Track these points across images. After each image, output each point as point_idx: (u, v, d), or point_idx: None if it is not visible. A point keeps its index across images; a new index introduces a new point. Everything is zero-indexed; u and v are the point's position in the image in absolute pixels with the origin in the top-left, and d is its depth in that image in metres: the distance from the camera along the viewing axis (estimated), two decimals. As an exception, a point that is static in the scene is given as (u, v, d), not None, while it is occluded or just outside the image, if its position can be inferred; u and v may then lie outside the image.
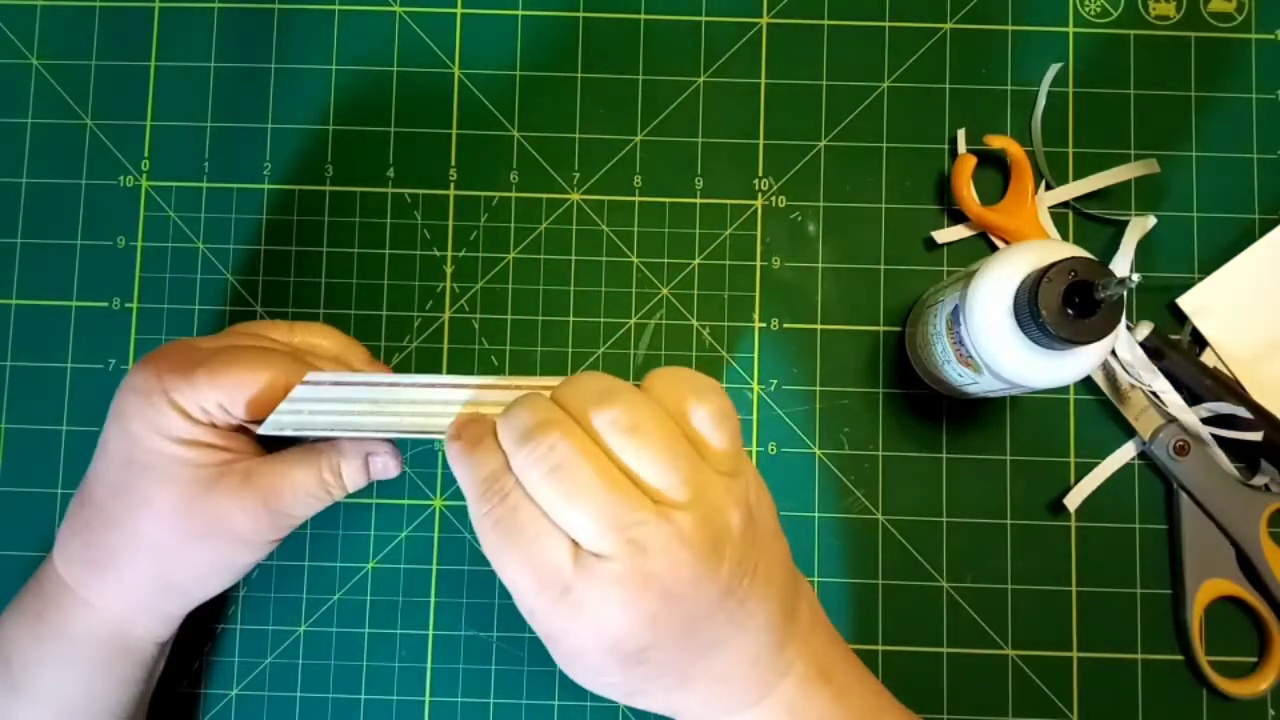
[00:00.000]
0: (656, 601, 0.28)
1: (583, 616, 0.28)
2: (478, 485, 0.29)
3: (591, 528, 0.28)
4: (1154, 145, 0.47)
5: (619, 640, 0.28)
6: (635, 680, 0.30)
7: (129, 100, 0.47)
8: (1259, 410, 0.43)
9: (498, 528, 0.28)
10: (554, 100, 0.47)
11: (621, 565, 0.27)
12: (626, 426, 0.28)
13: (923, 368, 0.44)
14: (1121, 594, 0.45)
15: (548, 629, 0.29)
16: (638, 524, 0.28)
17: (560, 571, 0.28)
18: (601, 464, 0.28)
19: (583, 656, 0.29)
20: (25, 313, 0.46)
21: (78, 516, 0.36)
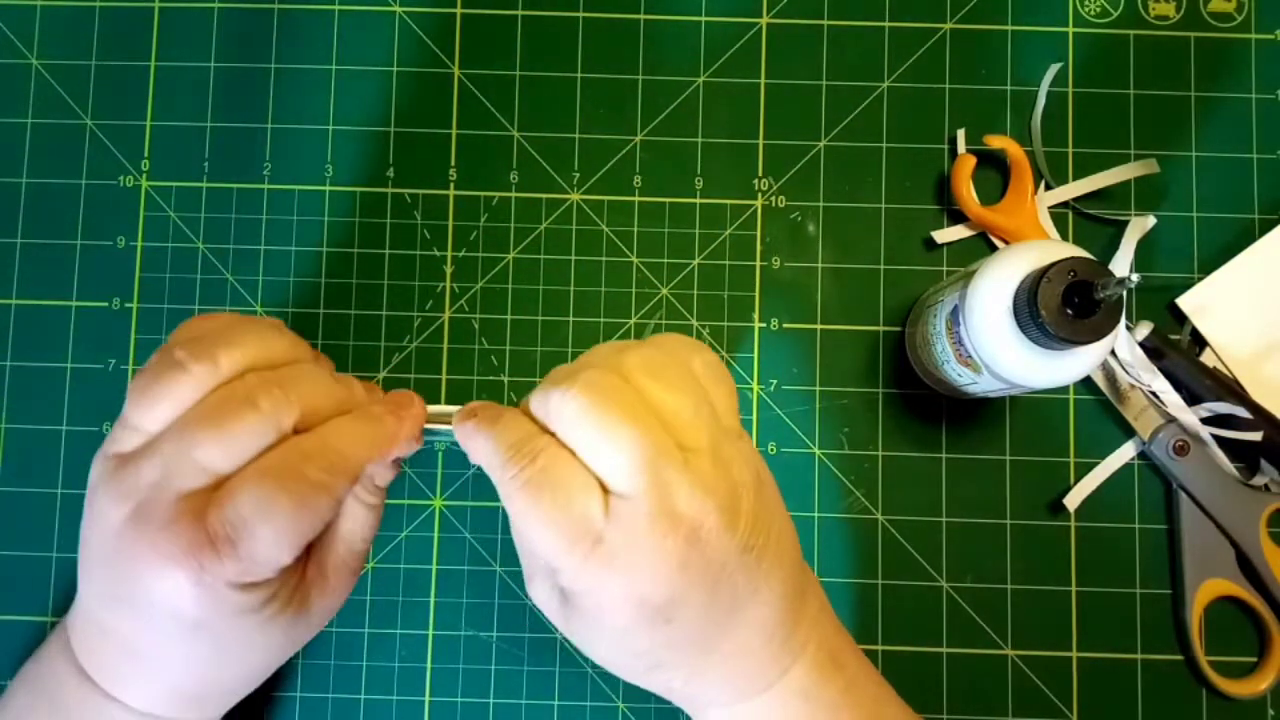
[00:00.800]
0: (684, 545, 0.28)
1: (614, 566, 0.28)
2: (504, 452, 0.29)
3: (625, 463, 0.28)
4: (1154, 145, 0.47)
5: (649, 591, 0.28)
6: (660, 646, 0.29)
7: (129, 100, 0.47)
8: (1259, 410, 0.43)
9: (527, 488, 0.28)
10: (554, 100, 0.47)
11: (651, 504, 0.28)
12: (655, 369, 0.30)
13: (922, 368, 0.44)
14: (1121, 594, 0.45)
15: (576, 586, 0.29)
16: (667, 464, 0.28)
17: (592, 522, 0.28)
18: (634, 399, 0.29)
19: (611, 615, 0.29)
20: (25, 313, 0.46)
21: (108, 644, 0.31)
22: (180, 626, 0.29)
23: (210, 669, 0.31)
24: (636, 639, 0.29)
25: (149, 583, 0.28)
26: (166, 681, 0.31)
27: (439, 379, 0.46)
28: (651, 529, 0.28)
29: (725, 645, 0.30)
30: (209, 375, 0.29)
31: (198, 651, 0.30)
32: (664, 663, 0.30)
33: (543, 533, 0.28)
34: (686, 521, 0.28)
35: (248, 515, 0.27)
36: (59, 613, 0.45)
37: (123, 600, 0.29)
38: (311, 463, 0.29)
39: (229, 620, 0.29)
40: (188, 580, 0.27)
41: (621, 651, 0.30)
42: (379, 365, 0.46)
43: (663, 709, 0.44)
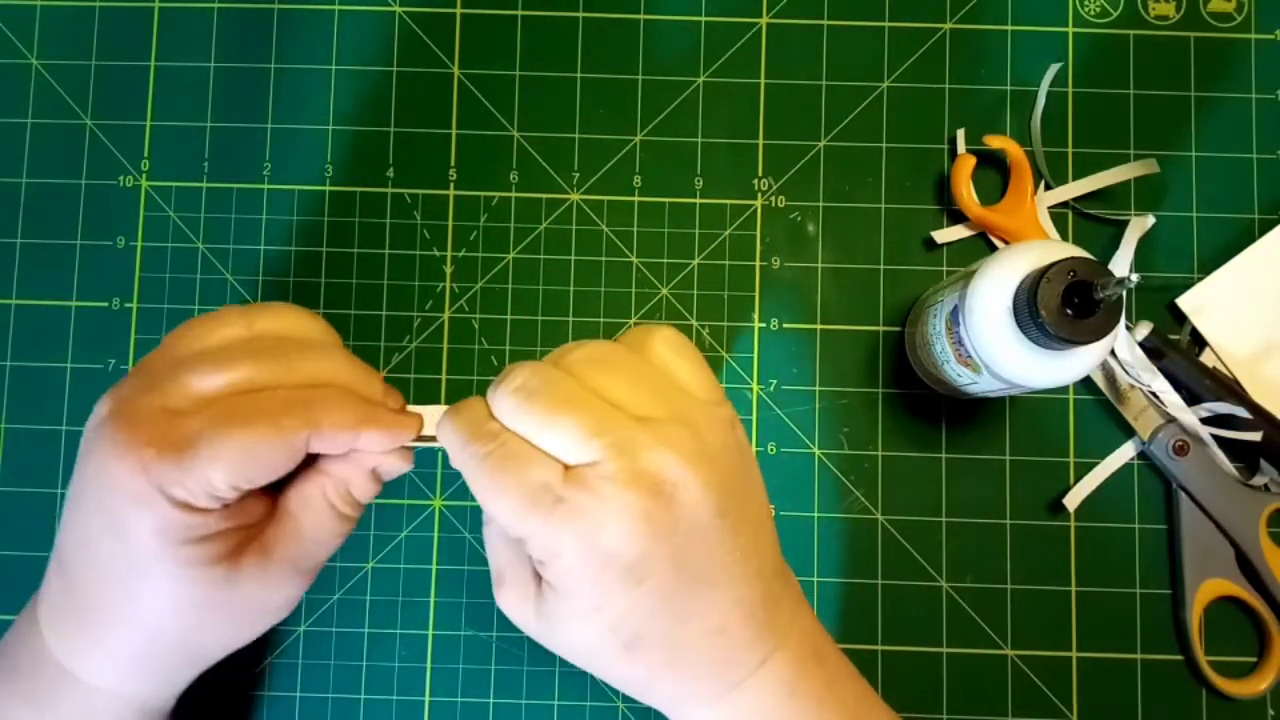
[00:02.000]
0: (648, 498, 0.28)
1: (577, 521, 0.28)
2: (465, 432, 0.30)
3: (572, 440, 0.28)
4: (1154, 145, 0.47)
5: (615, 543, 0.28)
6: (633, 614, 0.29)
7: (129, 100, 0.47)
8: (1258, 410, 0.43)
9: (486, 462, 0.29)
10: (554, 100, 0.47)
11: (611, 465, 0.28)
12: (596, 358, 0.30)
13: (922, 368, 0.44)
14: (1121, 594, 0.45)
15: (542, 550, 0.29)
16: (619, 429, 0.28)
17: (551, 487, 0.28)
18: (572, 386, 0.29)
19: (579, 578, 0.28)
20: (25, 313, 0.46)
21: (67, 599, 0.32)
22: (114, 545, 0.29)
23: (149, 619, 0.31)
24: (609, 604, 0.29)
25: (103, 476, 0.29)
26: (107, 637, 0.31)
27: (439, 379, 0.46)
28: (612, 484, 0.28)
29: (702, 618, 0.29)
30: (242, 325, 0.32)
31: (130, 589, 0.30)
32: (641, 636, 0.29)
33: (505, 500, 0.28)
34: (649, 476, 0.28)
35: (200, 430, 0.29)
36: (59, 613, 0.45)
37: (79, 511, 0.30)
38: (284, 410, 0.30)
39: (157, 548, 0.29)
40: (133, 473, 0.28)
41: (597, 627, 0.29)
42: (379, 365, 0.46)
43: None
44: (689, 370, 0.31)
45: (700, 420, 0.30)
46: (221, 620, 0.32)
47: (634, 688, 0.31)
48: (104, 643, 0.31)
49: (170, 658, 0.32)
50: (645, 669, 0.30)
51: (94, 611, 0.31)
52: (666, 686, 0.31)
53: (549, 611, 0.30)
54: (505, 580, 0.32)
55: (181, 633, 0.31)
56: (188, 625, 0.31)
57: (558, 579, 0.29)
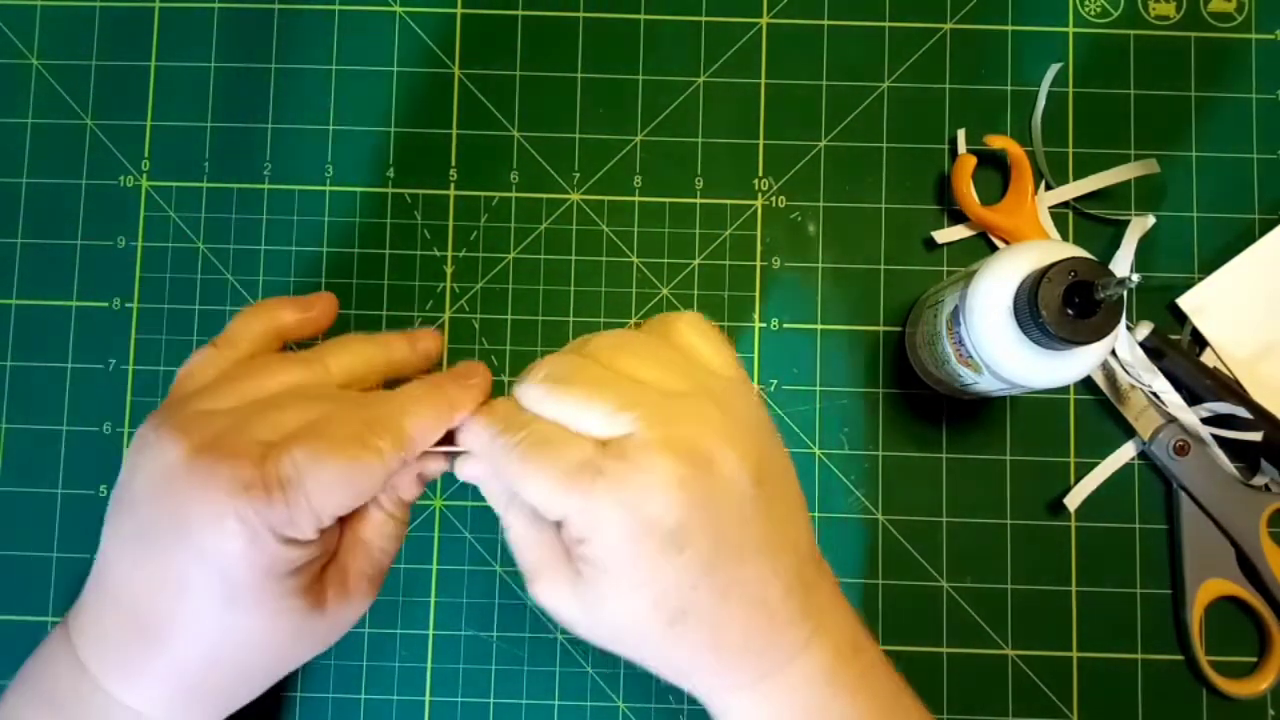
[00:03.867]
0: (686, 465, 0.28)
1: (618, 492, 0.28)
2: (496, 426, 0.30)
3: (604, 417, 0.29)
4: (1154, 145, 0.47)
5: (656, 511, 0.28)
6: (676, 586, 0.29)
7: (129, 100, 0.47)
8: (1259, 410, 0.43)
9: (519, 448, 0.29)
10: (554, 100, 0.47)
11: (646, 434, 0.28)
12: (618, 344, 0.31)
13: (923, 368, 0.44)
14: (1121, 594, 0.45)
15: (583, 526, 0.28)
16: (650, 402, 0.29)
17: (588, 462, 0.28)
18: (599, 369, 0.30)
19: (621, 551, 0.28)
20: (25, 313, 0.46)
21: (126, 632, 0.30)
22: (207, 581, 0.29)
23: (222, 651, 0.30)
24: (653, 577, 0.28)
25: (197, 515, 0.28)
26: (173, 666, 0.30)
27: (439, 379, 0.46)
28: (649, 451, 0.28)
29: (742, 592, 0.29)
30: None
31: (215, 624, 0.29)
32: (684, 611, 0.29)
33: (542, 479, 0.28)
34: (685, 443, 0.28)
35: (300, 463, 0.28)
36: (59, 613, 0.45)
37: (156, 547, 0.29)
38: (370, 429, 0.30)
39: (257, 584, 0.29)
40: (237, 515, 0.28)
41: (639, 603, 0.29)
42: (379, 365, 0.46)
43: (663, 709, 0.44)
44: (714, 351, 0.32)
45: (729, 395, 0.31)
46: (304, 644, 0.32)
47: (675, 671, 0.31)
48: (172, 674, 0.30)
49: (239, 684, 0.32)
50: (688, 648, 0.30)
51: (164, 645, 0.30)
52: (708, 668, 0.30)
53: (589, 595, 0.30)
54: (540, 573, 0.31)
55: (262, 661, 0.31)
56: (272, 654, 0.31)
57: (599, 555, 0.29)
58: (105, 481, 0.45)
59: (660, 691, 0.44)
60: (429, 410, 0.31)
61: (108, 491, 0.45)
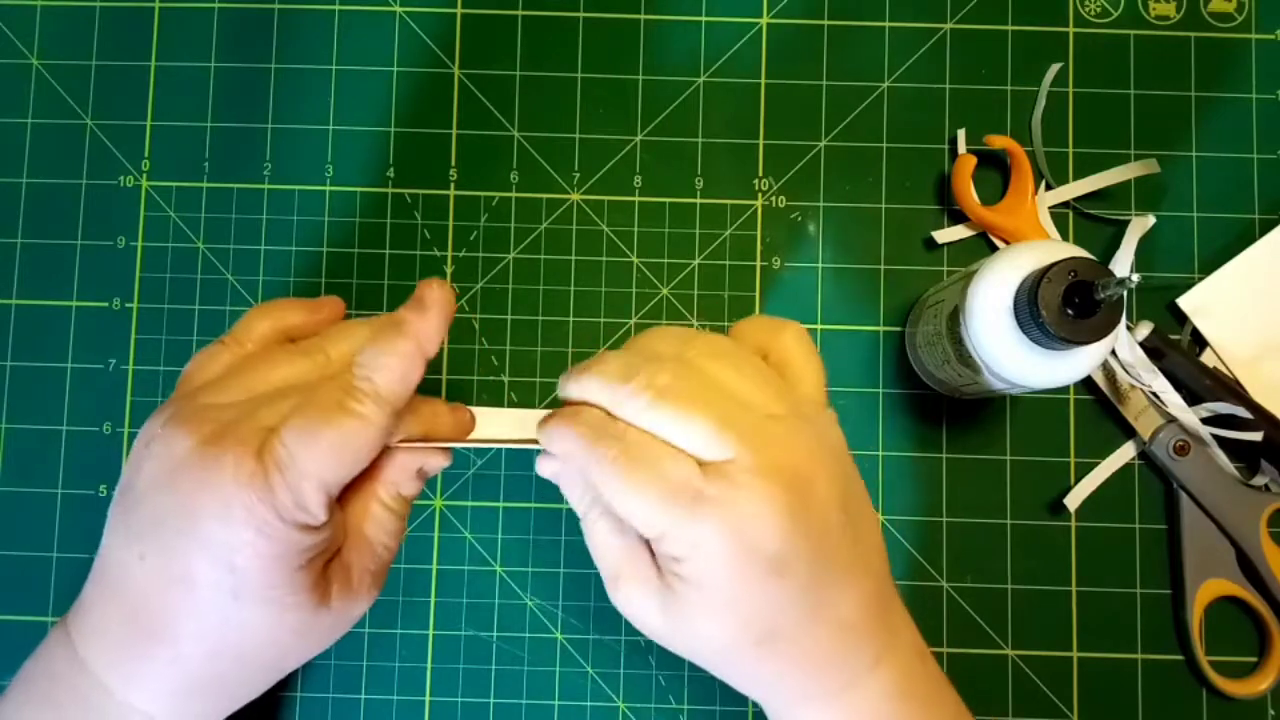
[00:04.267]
0: (789, 492, 0.28)
1: (722, 515, 0.28)
2: (589, 436, 0.30)
3: (706, 436, 0.29)
4: (1154, 145, 0.47)
5: (759, 537, 0.28)
6: (770, 609, 0.29)
7: (129, 100, 0.47)
8: (1259, 410, 0.43)
9: (618, 462, 0.29)
10: (554, 100, 0.47)
11: (749, 458, 0.28)
12: (717, 353, 0.31)
13: (923, 368, 0.44)
14: (1121, 594, 0.45)
15: (680, 547, 0.28)
16: (753, 424, 0.29)
17: (691, 481, 0.28)
18: (701, 383, 0.30)
19: (719, 573, 0.28)
20: (25, 313, 0.46)
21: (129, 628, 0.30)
22: (215, 574, 0.28)
23: (227, 646, 0.30)
24: (748, 598, 0.29)
25: (205, 507, 0.28)
26: (177, 662, 0.30)
27: (439, 379, 0.46)
28: (753, 478, 0.28)
29: (831, 613, 0.30)
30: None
31: (221, 618, 0.29)
32: (774, 632, 0.29)
33: (643, 497, 0.28)
34: (788, 470, 0.29)
35: (290, 443, 0.28)
36: (59, 613, 0.45)
37: (163, 540, 0.29)
38: (346, 392, 0.30)
39: (264, 576, 0.29)
40: (244, 504, 0.28)
41: (730, 622, 0.29)
42: (379, 365, 0.46)
43: (663, 709, 0.44)
44: (811, 371, 0.32)
45: (820, 420, 0.31)
46: (308, 641, 0.32)
47: (754, 684, 0.31)
48: (176, 670, 0.30)
49: (243, 681, 0.32)
50: (771, 665, 0.30)
51: (169, 640, 0.30)
52: (787, 683, 0.31)
53: (677, 608, 0.30)
54: (623, 579, 0.31)
55: (266, 657, 0.31)
56: (276, 650, 0.31)
57: (695, 574, 0.29)
58: (105, 481, 0.45)
59: (660, 691, 0.44)
60: (394, 360, 0.31)
61: (108, 491, 0.45)
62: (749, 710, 0.44)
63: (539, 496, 0.45)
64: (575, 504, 0.32)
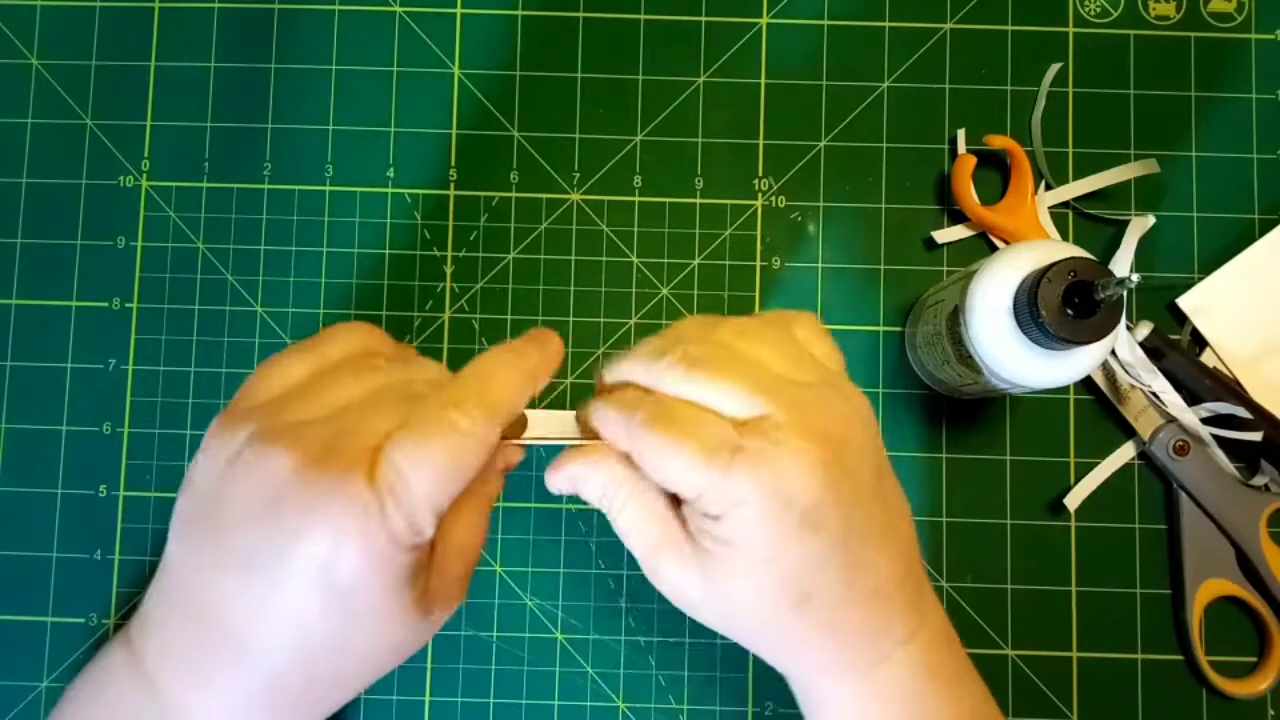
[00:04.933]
0: (824, 448, 0.29)
1: (758, 468, 0.28)
2: (628, 407, 0.31)
3: (740, 398, 0.29)
4: (1154, 145, 0.47)
5: (796, 490, 0.28)
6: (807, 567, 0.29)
7: (129, 100, 0.47)
8: (1259, 410, 0.43)
9: (657, 425, 0.29)
10: (554, 100, 0.47)
11: (783, 415, 0.29)
12: (748, 332, 0.32)
13: (923, 368, 0.44)
14: (1121, 594, 0.45)
15: (720, 501, 0.29)
16: (785, 388, 0.30)
17: (728, 437, 0.29)
18: (731, 355, 0.31)
19: (757, 529, 0.28)
20: (25, 313, 0.46)
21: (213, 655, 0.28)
22: (326, 602, 0.27)
23: (326, 668, 0.29)
24: (785, 556, 0.29)
25: (317, 536, 0.27)
26: (274, 684, 0.28)
27: (439, 379, 0.46)
28: (788, 433, 0.29)
29: (864, 579, 0.30)
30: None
31: (327, 642, 0.28)
32: (810, 593, 0.29)
33: (682, 454, 0.29)
34: (820, 430, 0.29)
35: (400, 465, 0.27)
36: (59, 613, 0.45)
37: (265, 568, 0.27)
38: (455, 406, 0.29)
39: (378, 599, 0.28)
40: (359, 532, 0.27)
41: (767, 583, 0.29)
42: (379, 365, 0.46)
43: (662, 709, 0.44)
44: (827, 351, 0.33)
45: (848, 389, 0.32)
46: (403, 652, 0.30)
47: (786, 654, 0.32)
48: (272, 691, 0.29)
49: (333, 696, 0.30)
50: (807, 629, 0.30)
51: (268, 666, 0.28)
52: (821, 654, 0.31)
53: (715, 571, 0.30)
54: (661, 552, 0.31)
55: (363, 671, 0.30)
56: (375, 664, 0.30)
57: (733, 533, 0.29)
58: (105, 481, 0.45)
59: (660, 691, 0.44)
60: (509, 374, 0.30)
61: (108, 491, 0.45)
62: (749, 710, 0.44)
63: (539, 497, 0.45)
64: (598, 499, 0.32)
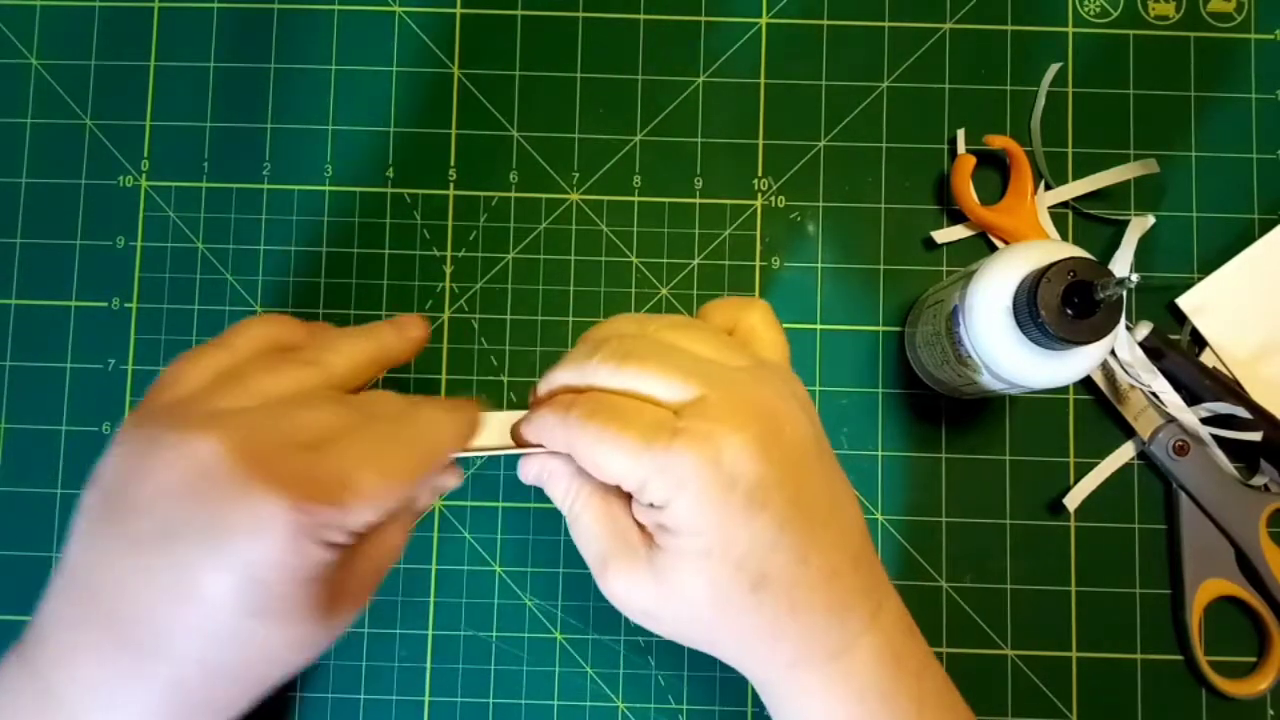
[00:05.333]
0: (762, 425, 0.29)
1: (699, 447, 0.29)
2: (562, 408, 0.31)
3: (674, 384, 0.30)
4: (1154, 145, 0.47)
5: (737, 468, 0.29)
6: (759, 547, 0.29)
7: (129, 100, 0.47)
8: (1258, 410, 0.43)
9: (595, 419, 0.30)
10: (554, 100, 0.47)
11: (718, 394, 0.30)
12: (675, 324, 0.33)
13: (922, 368, 0.44)
14: (1121, 594, 0.45)
15: (663, 488, 0.29)
16: (719, 370, 0.31)
17: (665, 420, 0.29)
18: (661, 346, 0.31)
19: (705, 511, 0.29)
20: (25, 313, 0.46)
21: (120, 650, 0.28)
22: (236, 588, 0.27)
23: (228, 662, 0.28)
24: (735, 537, 0.29)
25: (240, 520, 0.27)
26: (173, 684, 0.28)
27: (439, 379, 0.46)
28: (724, 409, 0.29)
29: (819, 559, 0.30)
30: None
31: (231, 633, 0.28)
32: (766, 575, 0.29)
33: (623, 443, 0.29)
34: (758, 407, 0.30)
35: (351, 472, 0.28)
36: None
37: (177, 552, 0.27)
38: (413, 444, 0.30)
39: (288, 591, 0.28)
40: (287, 520, 0.26)
41: (722, 567, 0.29)
42: (379, 365, 0.46)
43: (662, 709, 0.44)
44: (777, 343, 0.34)
45: (785, 374, 0.33)
46: (306, 653, 0.30)
47: (748, 649, 0.31)
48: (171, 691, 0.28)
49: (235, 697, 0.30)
50: (766, 618, 0.30)
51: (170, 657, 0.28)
52: (785, 640, 0.31)
53: (667, 565, 0.30)
54: (611, 560, 0.31)
55: (264, 671, 0.30)
56: (277, 664, 0.30)
57: (681, 519, 0.29)
58: (105, 481, 0.45)
59: (660, 691, 0.44)
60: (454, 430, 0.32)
61: (107, 491, 0.45)
62: (749, 710, 0.44)
63: (539, 497, 0.45)
64: (560, 502, 0.33)
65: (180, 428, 0.28)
